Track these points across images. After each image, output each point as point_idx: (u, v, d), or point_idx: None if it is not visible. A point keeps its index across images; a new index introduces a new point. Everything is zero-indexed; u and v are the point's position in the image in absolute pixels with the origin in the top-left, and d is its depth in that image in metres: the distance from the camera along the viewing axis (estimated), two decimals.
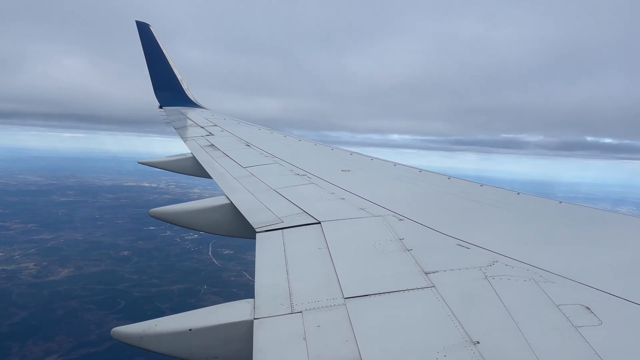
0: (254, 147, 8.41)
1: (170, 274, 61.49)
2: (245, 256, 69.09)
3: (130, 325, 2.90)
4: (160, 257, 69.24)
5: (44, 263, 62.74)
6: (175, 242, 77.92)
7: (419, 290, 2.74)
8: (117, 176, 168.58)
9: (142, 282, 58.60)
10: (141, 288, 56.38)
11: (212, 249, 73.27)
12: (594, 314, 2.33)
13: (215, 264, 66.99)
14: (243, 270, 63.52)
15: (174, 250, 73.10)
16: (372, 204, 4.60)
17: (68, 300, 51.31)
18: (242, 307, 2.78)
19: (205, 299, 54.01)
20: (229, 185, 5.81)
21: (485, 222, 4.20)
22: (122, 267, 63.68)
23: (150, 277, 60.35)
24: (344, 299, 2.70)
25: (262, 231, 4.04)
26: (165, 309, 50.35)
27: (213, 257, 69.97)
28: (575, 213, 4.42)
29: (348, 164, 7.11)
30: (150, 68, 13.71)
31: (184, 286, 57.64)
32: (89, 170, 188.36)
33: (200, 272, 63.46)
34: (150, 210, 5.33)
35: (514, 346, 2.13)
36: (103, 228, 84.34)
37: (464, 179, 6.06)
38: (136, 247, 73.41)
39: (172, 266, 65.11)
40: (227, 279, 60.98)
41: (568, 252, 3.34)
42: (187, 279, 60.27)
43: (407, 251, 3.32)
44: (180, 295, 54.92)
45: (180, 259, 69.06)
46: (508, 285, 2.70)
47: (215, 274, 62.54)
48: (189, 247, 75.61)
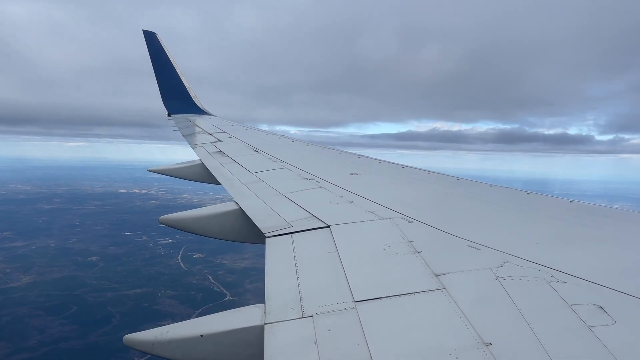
0: (262, 153, 8.44)
1: (132, 279, 61.62)
2: (215, 259, 69.68)
3: (142, 333, 2.93)
4: (128, 262, 69.38)
5: (7, 270, 63.07)
6: (147, 247, 78.10)
7: (429, 292, 2.73)
8: (110, 183, 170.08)
9: (101, 287, 58.78)
10: (98, 293, 56.56)
11: (183, 253, 73.53)
12: (608, 313, 2.30)
13: (182, 268, 67.18)
14: (208, 274, 63.78)
15: (144, 255, 73.13)
16: (381, 206, 4.59)
17: (19, 307, 51.53)
18: (252, 312, 2.79)
19: (159, 303, 54.37)
20: (238, 190, 5.84)
21: (495, 223, 4.17)
22: (85, 272, 63.87)
23: (111, 282, 60.53)
24: (355, 303, 2.69)
25: (271, 236, 4.05)
26: (115, 313, 50.74)
27: (181, 261, 70.16)
28: (587, 212, 4.37)
29: (356, 167, 7.10)
30: (157, 76, 13.84)
31: (142, 291, 57.79)
32: (84, 178, 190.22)
33: (163, 276, 63.58)
34: (160, 218, 5.37)
35: (527, 347, 2.11)
36: (79, 234, 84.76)
37: (472, 180, 6.02)
38: (106, 252, 73.62)
39: (137, 271, 65.28)
40: (188, 283, 61.18)
41: (580, 252, 3.31)
42: (147, 283, 60.38)
43: (417, 253, 3.31)
44: (135, 299, 55.04)
45: (148, 263, 69.08)
46: (520, 286, 2.68)
47: (178, 278, 62.72)
48: (160, 251, 75.67)
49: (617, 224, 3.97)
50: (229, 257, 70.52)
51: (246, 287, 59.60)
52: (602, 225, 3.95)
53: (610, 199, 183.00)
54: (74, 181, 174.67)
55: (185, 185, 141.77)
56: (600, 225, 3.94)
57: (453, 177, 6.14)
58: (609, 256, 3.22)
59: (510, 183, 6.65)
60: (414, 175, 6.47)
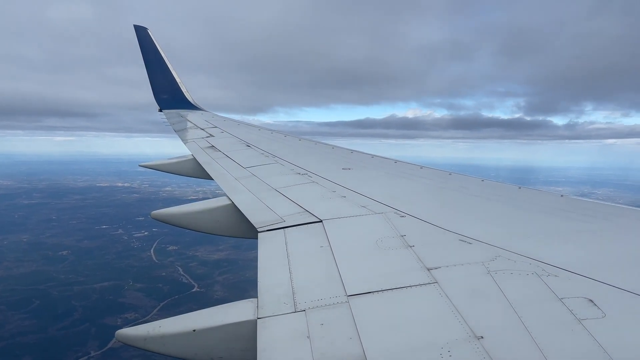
0: (255, 148, 8.42)
1: (101, 272, 61.18)
2: (189, 252, 69.40)
3: (134, 327, 2.91)
4: (100, 255, 68.79)
5: None
6: (121, 240, 77.62)
7: (421, 286, 2.74)
8: (94, 177, 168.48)
9: (68, 281, 58.25)
10: (63, 287, 56.06)
11: (157, 245, 73.12)
12: (598, 306, 2.33)
13: (153, 261, 66.81)
14: (179, 266, 63.45)
15: (116, 249, 72.67)
16: (374, 201, 4.60)
17: None
18: (245, 306, 2.78)
19: (124, 295, 54.11)
20: (230, 185, 5.82)
21: (486, 217, 4.19)
22: (54, 266, 63.27)
23: (78, 275, 59.99)
24: (347, 297, 2.70)
25: (264, 231, 4.04)
26: (78, 306, 50.46)
27: (154, 253, 69.76)
28: (577, 206, 4.42)
29: (349, 162, 7.11)
30: (149, 71, 13.73)
31: (110, 284, 57.45)
32: (69, 173, 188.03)
33: (133, 269, 63.15)
34: (152, 213, 5.34)
35: (518, 340, 2.13)
36: (54, 229, 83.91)
37: (464, 175, 6.05)
38: (79, 246, 73.02)
39: (107, 264, 64.86)
40: (157, 275, 60.81)
41: (570, 245, 3.34)
42: (116, 276, 60.01)
43: (409, 247, 3.32)
44: (100, 292, 54.71)
45: (120, 256, 68.62)
46: (511, 280, 2.70)
47: (147, 271, 62.32)
48: (134, 244, 75.22)
49: (608, 218, 4.01)
50: (204, 249, 70.13)
51: (216, 279, 59.47)
52: (592, 219, 3.99)
53: (593, 184, 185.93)
54: (58, 176, 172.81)
55: (169, 178, 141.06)
56: (591, 220, 3.97)
57: (445, 172, 6.17)
58: (599, 250, 3.25)
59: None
60: (406, 170, 6.49)
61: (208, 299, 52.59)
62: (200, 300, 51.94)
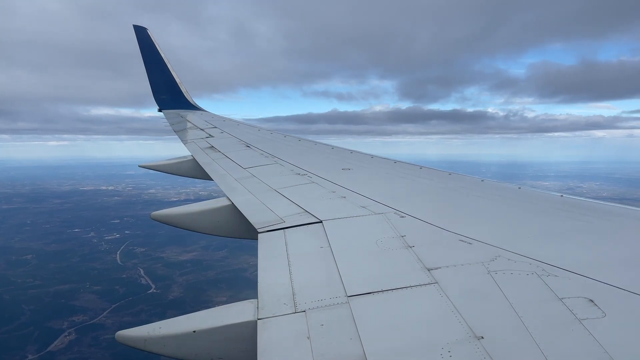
0: (254, 148, 8.42)
1: (60, 276, 61.00)
2: (156, 254, 69.33)
3: (134, 329, 2.91)
4: (64, 259, 68.56)
5: None
6: (90, 243, 77.54)
7: (422, 286, 2.74)
8: (80, 181, 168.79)
9: (24, 285, 58.04)
10: (17, 291, 55.87)
11: (125, 247, 73.10)
12: (598, 306, 2.33)
13: (117, 263, 66.81)
14: (141, 268, 63.40)
15: (83, 252, 72.48)
16: (373, 201, 4.60)
17: None
18: (245, 307, 2.79)
19: (78, 298, 54.00)
20: (230, 186, 5.82)
21: (486, 217, 4.19)
22: (13, 270, 63.05)
23: (36, 279, 59.74)
24: (347, 297, 2.70)
25: (264, 231, 4.04)
26: (26, 310, 50.34)
27: (119, 256, 69.80)
28: (577, 206, 4.41)
29: (348, 163, 7.11)
30: (148, 72, 13.71)
31: (67, 287, 57.26)
32: (56, 177, 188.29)
33: (94, 271, 63.09)
34: (152, 214, 5.34)
35: (518, 340, 2.13)
36: (26, 233, 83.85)
37: (464, 175, 6.05)
38: (45, 250, 72.79)
39: (69, 267, 64.66)
40: (117, 277, 60.72)
41: (570, 246, 3.33)
42: (75, 279, 59.84)
43: (409, 248, 3.32)
44: (54, 296, 54.57)
45: (85, 259, 68.43)
46: (511, 280, 2.70)
47: (108, 273, 62.25)
48: (102, 247, 75.07)
49: (607, 218, 4.01)
50: (171, 250, 69.90)
51: (175, 280, 59.38)
52: (592, 219, 3.99)
53: (582, 178, 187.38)
54: (42, 180, 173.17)
55: (155, 181, 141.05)
56: (591, 220, 3.97)
57: (445, 172, 6.17)
58: (599, 250, 3.25)
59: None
60: (405, 170, 6.49)
61: (162, 300, 52.91)
62: (153, 302, 52.32)
